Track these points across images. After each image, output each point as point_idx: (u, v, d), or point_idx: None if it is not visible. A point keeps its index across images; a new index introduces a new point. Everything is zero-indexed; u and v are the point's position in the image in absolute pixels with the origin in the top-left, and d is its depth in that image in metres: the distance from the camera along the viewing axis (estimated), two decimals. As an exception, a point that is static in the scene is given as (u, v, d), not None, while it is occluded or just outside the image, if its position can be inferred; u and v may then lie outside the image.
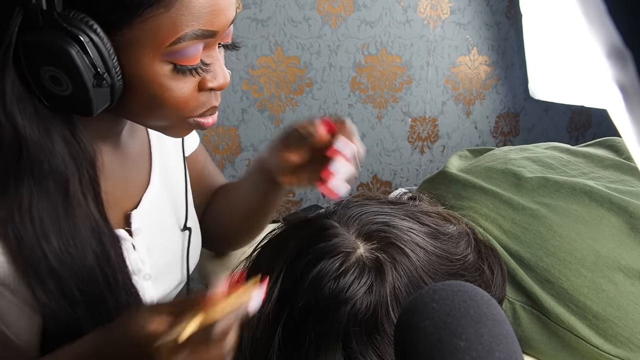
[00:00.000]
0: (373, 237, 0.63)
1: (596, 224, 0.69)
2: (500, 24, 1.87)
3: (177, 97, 0.56)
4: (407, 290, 0.61)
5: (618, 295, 0.64)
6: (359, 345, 0.59)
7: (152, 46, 0.52)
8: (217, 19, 0.54)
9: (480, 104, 1.95)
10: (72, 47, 0.49)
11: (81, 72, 0.50)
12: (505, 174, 0.81)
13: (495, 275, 0.68)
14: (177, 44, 0.52)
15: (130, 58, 0.52)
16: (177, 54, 0.53)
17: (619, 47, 0.26)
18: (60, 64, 0.50)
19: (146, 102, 0.56)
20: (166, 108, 0.56)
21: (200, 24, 0.52)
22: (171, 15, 0.51)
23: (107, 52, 0.51)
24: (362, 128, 1.80)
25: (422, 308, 0.44)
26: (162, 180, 0.76)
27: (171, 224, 0.77)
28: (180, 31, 0.52)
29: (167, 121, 0.59)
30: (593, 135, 2.15)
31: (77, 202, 0.57)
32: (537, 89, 1.89)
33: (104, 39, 0.50)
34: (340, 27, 1.66)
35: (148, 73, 0.53)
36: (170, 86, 0.55)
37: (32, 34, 0.49)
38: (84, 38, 0.49)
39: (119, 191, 0.68)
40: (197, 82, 0.57)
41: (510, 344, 0.42)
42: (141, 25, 0.51)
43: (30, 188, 0.54)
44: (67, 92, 0.52)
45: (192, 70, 0.55)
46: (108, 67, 0.51)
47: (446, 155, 1.96)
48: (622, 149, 0.87)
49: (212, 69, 0.57)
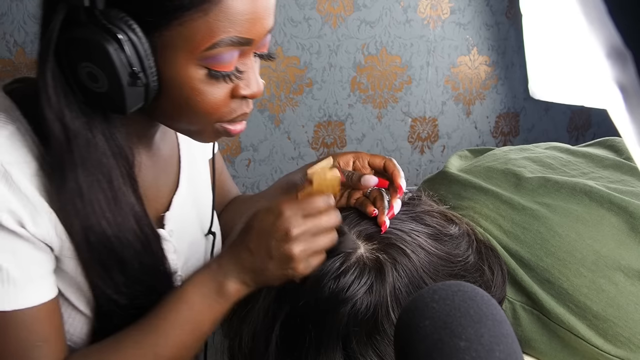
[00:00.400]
0: (374, 238, 0.63)
1: (596, 224, 0.69)
2: (500, 24, 1.87)
3: (209, 102, 0.56)
4: (408, 291, 0.61)
5: (618, 295, 0.64)
6: (358, 345, 0.59)
7: (188, 49, 0.52)
8: (254, 27, 0.54)
9: (480, 104, 1.95)
10: (111, 44, 0.50)
11: (117, 70, 0.51)
12: (506, 174, 0.81)
13: (495, 275, 0.68)
14: (213, 49, 0.53)
15: (166, 60, 0.53)
16: (212, 59, 0.54)
17: (619, 47, 0.26)
18: (98, 60, 0.51)
19: (178, 105, 0.56)
20: (197, 112, 0.57)
21: (237, 31, 0.53)
22: (209, 20, 0.51)
23: (144, 52, 0.51)
24: (362, 128, 1.80)
25: (422, 308, 0.44)
26: (189, 184, 0.77)
27: (196, 228, 0.78)
28: (217, 37, 0.52)
29: (197, 125, 0.60)
30: (593, 135, 2.15)
31: (121, 194, 0.59)
32: (537, 89, 1.89)
33: (141, 38, 0.51)
34: (340, 27, 1.66)
35: (182, 76, 0.54)
36: (203, 90, 0.55)
37: (73, 30, 0.50)
38: (122, 36, 0.50)
39: (152, 192, 0.69)
40: (230, 89, 0.57)
41: (510, 344, 0.42)
42: (179, 28, 0.51)
43: (85, 178, 0.56)
44: (102, 89, 0.52)
45: (226, 77, 0.56)
46: (144, 67, 0.52)
47: (446, 155, 1.96)
48: (622, 149, 0.87)
49: (246, 77, 0.58)
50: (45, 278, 0.58)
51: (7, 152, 0.54)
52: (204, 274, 0.61)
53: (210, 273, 0.61)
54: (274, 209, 0.58)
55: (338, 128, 1.77)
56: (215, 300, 0.60)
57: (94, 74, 0.52)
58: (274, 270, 0.59)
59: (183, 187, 0.75)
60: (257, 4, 0.53)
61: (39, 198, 0.55)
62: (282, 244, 0.57)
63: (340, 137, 1.79)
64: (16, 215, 0.54)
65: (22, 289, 0.55)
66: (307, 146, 1.75)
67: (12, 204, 0.53)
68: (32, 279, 0.56)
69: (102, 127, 0.57)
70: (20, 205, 0.54)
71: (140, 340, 0.60)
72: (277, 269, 0.58)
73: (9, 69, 1.35)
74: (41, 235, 0.56)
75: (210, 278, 0.61)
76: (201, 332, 0.61)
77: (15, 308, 0.55)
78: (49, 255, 0.58)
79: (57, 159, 0.55)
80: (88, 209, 0.57)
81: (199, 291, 0.60)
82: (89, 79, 0.52)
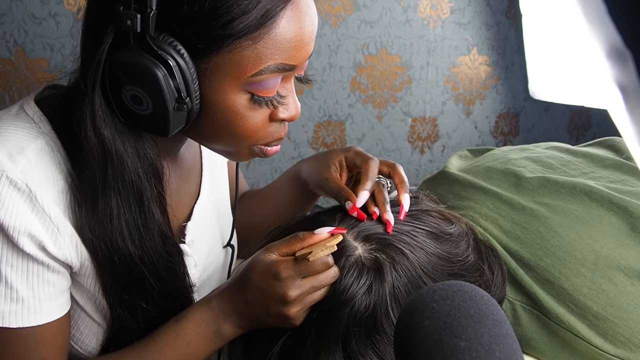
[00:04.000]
0: (371, 238, 0.63)
1: (596, 224, 0.69)
2: (500, 24, 1.87)
3: (250, 126, 0.57)
4: (407, 290, 0.61)
5: (618, 295, 0.64)
6: (358, 345, 0.59)
7: (234, 75, 0.53)
8: (299, 53, 0.55)
9: (480, 104, 1.95)
10: (160, 70, 0.50)
11: (165, 95, 0.51)
12: (505, 173, 0.80)
13: (495, 275, 0.67)
14: (259, 75, 0.53)
15: (211, 84, 0.54)
16: (257, 84, 0.54)
17: (619, 47, 0.26)
18: (146, 85, 0.51)
19: (218, 128, 0.57)
20: (236, 135, 0.57)
21: (283, 58, 0.54)
22: (257, 48, 0.52)
23: (191, 77, 0.52)
24: (362, 128, 1.80)
25: (422, 308, 0.44)
26: (210, 192, 0.77)
27: (215, 236, 0.78)
28: (264, 64, 0.53)
29: (234, 147, 0.60)
30: (593, 135, 2.15)
31: (150, 215, 0.60)
32: (537, 89, 1.89)
33: (189, 64, 0.51)
34: (340, 27, 1.66)
35: (226, 100, 0.54)
36: (246, 115, 0.56)
37: (122, 53, 0.51)
38: (172, 62, 0.50)
39: (174, 202, 0.69)
40: (269, 113, 0.58)
41: (510, 344, 0.42)
42: (227, 55, 0.52)
43: (117, 202, 0.56)
44: (146, 111, 0.53)
45: (268, 102, 0.57)
46: (190, 92, 0.52)
47: (446, 155, 1.96)
48: (622, 149, 0.87)
49: (286, 102, 0.59)
50: (55, 298, 0.58)
51: (34, 169, 0.54)
52: (205, 314, 0.63)
53: (209, 313, 0.63)
54: (272, 268, 0.59)
55: (338, 128, 1.77)
56: (211, 340, 0.62)
57: (138, 96, 0.52)
58: (270, 323, 0.61)
59: (204, 194, 0.75)
60: (304, 32, 0.54)
61: (62, 219, 0.55)
62: (279, 305, 0.59)
63: (340, 137, 1.78)
64: (36, 239, 0.54)
65: (30, 309, 0.56)
66: (307, 146, 1.75)
67: (34, 226, 0.53)
68: (41, 300, 0.56)
69: (137, 146, 0.57)
70: (42, 226, 0.54)
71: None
72: (273, 323, 0.61)
73: (9, 69, 1.35)
74: (62, 255, 0.56)
75: (210, 319, 0.62)
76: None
77: (20, 326, 0.55)
78: (64, 274, 0.58)
79: (90, 183, 0.55)
80: (116, 233, 0.57)
81: (197, 330, 0.62)
82: (132, 101, 0.52)
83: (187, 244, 0.70)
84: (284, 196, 0.85)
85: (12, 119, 0.57)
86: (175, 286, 0.66)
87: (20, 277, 0.54)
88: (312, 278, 0.59)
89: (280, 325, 0.61)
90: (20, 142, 0.55)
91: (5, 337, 0.55)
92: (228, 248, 0.81)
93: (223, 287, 0.64)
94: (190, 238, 0.71)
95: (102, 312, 0.63)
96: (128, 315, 0.62)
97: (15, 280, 0.54)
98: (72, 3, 1.37)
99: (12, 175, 0.52)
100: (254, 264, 0.61)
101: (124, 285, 0.60)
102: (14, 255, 0.54)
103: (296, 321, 0.60)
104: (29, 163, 0.54)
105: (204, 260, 0.75)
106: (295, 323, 0.60)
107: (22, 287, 0.55)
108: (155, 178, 0.59)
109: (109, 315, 0.63)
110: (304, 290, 0.58)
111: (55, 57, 1.38)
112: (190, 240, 0.70)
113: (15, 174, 0.53)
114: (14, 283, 0.54)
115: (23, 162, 0.53)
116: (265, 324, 0.61)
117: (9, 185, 0.52)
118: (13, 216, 0.52)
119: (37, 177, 0.54)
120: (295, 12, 0.53)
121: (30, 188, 0.53)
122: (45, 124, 0.57)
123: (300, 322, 0.60)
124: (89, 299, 0.62)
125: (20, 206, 0.53)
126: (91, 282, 0.60)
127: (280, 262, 0.59)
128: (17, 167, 0.53)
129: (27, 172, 0.53)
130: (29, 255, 0.54)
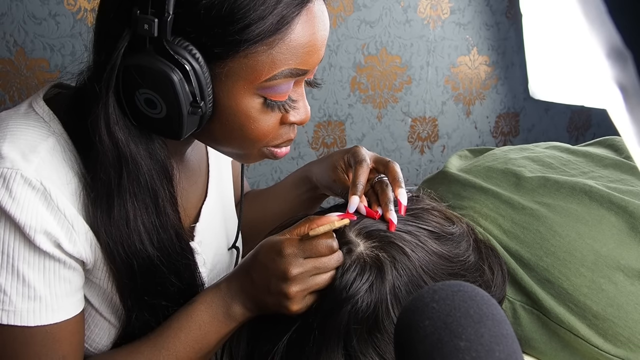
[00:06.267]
0: (373, 236, 0.63)
1: (596, 224, 0.69)
2: (500, 24, 1.87)
3: (261, 129, 0.57)
4: (407, 290, 0.61)
5: (618, 295, 0.64)
6: (359, 343, 0.59)
7: (249, 80, 0.53)
8: (312, 58, 0.56)
9: (480, 104, 1.95)
10: (176, 74, 0.50)
11: (180, 99, 0.51)
12: (505, 173, 0.80)
13: (495, 275, 0.68)
14: (273, 80, 0.54)
15: (225, 88, 0.54)
16: (270, 89, 0.55)
17: (619, 47, 0.26)
18: (161, 89, 0.51)
19: (230, 131, 0.57)
20: (247, 138, 0.58)
21: (297, 63, 0.54)
22: (272, 53, 0.52)
23: (205, 81, 0.52)
24: (362, 128, 1.80)
25: (422, 308, 0.44)
26: (216, 193, 0.78)
27: (221, 236, 0.79)
28: (278, 68, 0.53)
29: (244, 150, 0.61)
30: (593, 135, 2.15)
31: (166, 216, 0.60)
32: (537, 89, 1.89)
33: (204, 68, 0.52)
34: (340, 27, 1.66)
35: (239, 104, 0.55)
36: (258, 119, 0.56)
37: (137, 57, 0.51)
38: (188, 67, 0.50)
39: (183, 203, 0.70)
40: (281, 116, 0.59)
41: (510, 344, 0.42)
42: (242, 60, 0.52)
43: (133, 204, 0.57)
44: (160, 115, 0.53)
45: (280, 106, 0.57)
46: (204, 96, 0.53)
47: (446, 155, 1.96)
48: (622, 148, 0.87)
49: (297, 105, 0.59)
50: (72, 295, 0.58)
51: (48, 168, 0.54)
52: (215, 295, 0.63)
53: (219, 294, 0.63)
54: (277, 245, 0.59)
55: (338, 128, 1.77)
56: (222, 322, 0.62)
57: (152, 100, 0.52)
58: (271, 304, 0.60)
59: (212, 195, 0.76)
60: (317, 37, 0.55)
61: (77, 216, 0.55)
62: (280, 282, 0.58)
63: (340, 137, 1.79)
64: (52, 236, 0.54)
65: (48, 306, 0.56)
66: (307, 146, 1.75)
67: (49, 224, 0.54)
68: (58, 297, 0.56)
69: (149, 148, 0.58)
70: (57, 224, 0.54)
71: (151, 357, 0.61)
72: (273, 303, 0.60)
73: (9, 69, 1.35)
74: (77, 252, 0.56)
75: (220, 299, 0.62)
76: (208, 350, 0.63)
77: (39, 324, 0.55)
78: (79, 271, 0.59)
79: (105, 186, 0.55)
80: (134, 236, 0.57)
81: (208, 311, 0.62)
82: (146, 104, 0.53)
83: (197, 244, 0.70)
84: (291, 198, 0.85)
85: (22, 118, 0.57)
86: (192, 283, 0.66)
87: (37, 274, 0.55)
88: (315, 259, 0.59)
89: (278, 307, 0.60)
90: (33, 140, 0.55)
91: (24, 336, 0.55)
92: (233, 250, 0.81)
93: (233, 270, 0.65)
94: (199, 239, 0.71)
95: (115, 312, 0.63)
96: (149, 316, 0.63)
97: (32, 277, 0.54)
98: (72, 3, 1.37)
99: (26, 173, 0.52)
100: (263, 244, 0.61)
101: (144, 287, 0.61)
102: (31, 253, 0.54)
103: (294, 303, 0.59)
104: (42, 161, 0.54)
105: (211, 260, 0.75)
106: (293, 306, 0.59)
107: (40, 284, 0.55)
108: (167, 179, 0.60)
109: (123, 314, 0.63)
110: (305, 269, 0.58)
111: (55, 57, 1.38)
112: (199, 241, 0.71)
113: (30, 172, 0.53)
114: (31, 281, 0.54)
115: (36, 160, 0.54)
116: (267, 306, 0.61)
117: (23, 184, 0.52)
118: (29, 214, 0.52)
119: (51, 175, 0.54)
120: (310, 18, 0.53)
121: (44, 186, 0.53)
122: (56, 123, 0.57)
123: (299, 308, 0.60)
124: (103, 298, 0.62)
125: (35, 204, 0.53)
126: (105, 280, 0.60)
127: (285, 240, 0.59)
128: (30, 166, 0.53)
129: (40, 171, 0.53)
130: (46, 253, 0.54)
